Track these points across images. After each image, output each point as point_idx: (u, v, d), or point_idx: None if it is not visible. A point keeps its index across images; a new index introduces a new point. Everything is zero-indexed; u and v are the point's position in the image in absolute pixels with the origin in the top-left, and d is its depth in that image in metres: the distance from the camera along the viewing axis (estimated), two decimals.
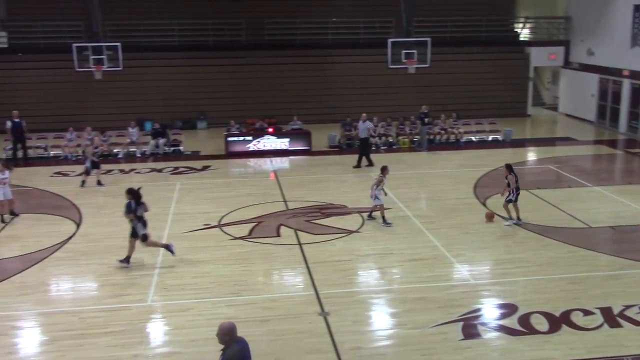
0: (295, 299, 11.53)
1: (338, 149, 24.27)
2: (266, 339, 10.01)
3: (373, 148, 24.26)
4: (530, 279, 12.26)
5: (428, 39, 24.90)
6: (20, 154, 22.92)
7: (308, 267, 12.87)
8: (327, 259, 13.31)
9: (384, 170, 15.81)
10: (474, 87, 30.30)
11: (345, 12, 31.02)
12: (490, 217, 15.63)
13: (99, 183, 19.24)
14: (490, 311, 11.00)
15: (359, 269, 13.06)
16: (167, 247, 13.13)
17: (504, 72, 30.96)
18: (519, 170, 16.66)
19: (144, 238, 12.91)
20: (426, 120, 24.34)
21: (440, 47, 27.49)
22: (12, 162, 19.95)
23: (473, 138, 25.88)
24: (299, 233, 14.89)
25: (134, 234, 12.90)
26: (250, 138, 23.89)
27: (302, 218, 16.04)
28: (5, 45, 29.82)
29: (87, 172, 19.25)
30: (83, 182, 19.18)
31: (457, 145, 25.14)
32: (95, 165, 19.40)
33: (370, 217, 15.75)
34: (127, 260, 12.92)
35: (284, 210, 16.72)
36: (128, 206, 12.86)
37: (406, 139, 24.92)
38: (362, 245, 14.18)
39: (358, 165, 21.33)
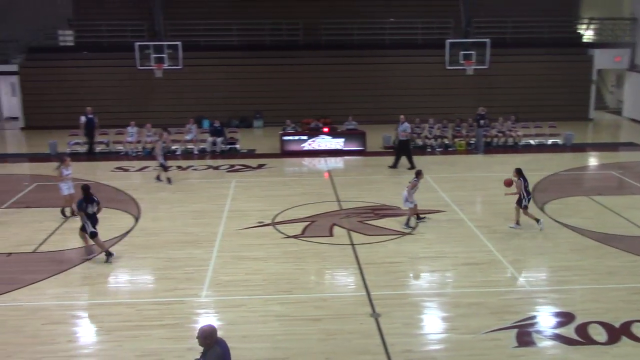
0: (347, 299, 11.53)
1: (393, 150, 24.11)
2: (317, 338, 10.04)
3: (428, 150, 24.06)
4: (589, 288, 11.90)
5: (487, 40, 24.51)
6: (88, 148, 23.64)
7: (360, 268, 12.84)
8: (379, 260, 13.26)
9: (418, 174, 15.65)
10: (533, 89, 29.66)
11: (403, 12, 30.85)
12: (508, 184, 14.96)
13: (158, 179, 19.59)
14: (546, 319, 10.73)
15: (411, 271, 12.96)
16: (108, 253, 13.21)
17: (566, 74, 30.16)
18: (579, 175, 16.23)
19: (92, 235, 13.11)
20: (482, 122, 23.95)
21: (499, 48, 27.03)
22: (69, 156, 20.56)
23: (532, 141, 25.32)
24: (352, 233, 14.88)
25: (83, 229, 13.19)
26: (305, 137, 24.01)
27: (355, 218, 16.02)
28: (72, 44, 30.94)
29: (164, 168, 19.44)
30: (168, 179, 19.39)
31: (514, 148, 24.64)
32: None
33: (420, 219, 15.59)
34: (108, 254, 13.19)
35: (337, 210, 16.74)
36: (79, 203, 13.14)
37: (462, 141, 24.57)
38: (415, 247, 14.06)
39: (394, 166, 21.23)
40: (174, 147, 24.08)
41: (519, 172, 15.04)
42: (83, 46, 30.34)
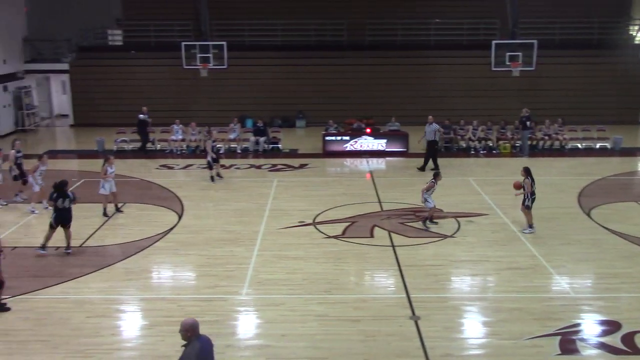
0: (386, 301, 11.48)
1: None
2: (356, 339, 10.02)
3: (472, 152, 23.77)
4: (637, 296, 11.57)
5: (534, 41, 24.05)
6: (141, 146, 24.12)
7: (400, 270, 12.77)
8: (420, 263, 13.16)
9: (436, 176, 15.59)
10: (581, 91, 29.02)
11: (449, 13, 30.56)
12: (517, 186, 14.87)
13: (217, 176, 19.82)
14: (590, 327, 10.48)
15: (452, 275, 12.81)
16: (43, 247, 13.54)
17: (615, 76, 29.42)
18: (628, 180, 15.80)
19: (50, 226, 13.53)
20: (528, 123, 23.52)
21: (547, 49, 26.51)
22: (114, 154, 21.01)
23: (579, 145, 24.75)
24: (393, 235, 14.81)
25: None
26: (347, 138, 24.00)
27: (396, 220, 15.94)
28: (120, 43, 31.63)
29: (210, 167, 19.72)
30: (212, 177, 19.66)
31: (561, 151, 24.15)
32: (215, 160, 19.87)
33: (432, 221, 15.45)
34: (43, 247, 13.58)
35: (378, 212, 16.68)
36: (50, 195, 13.78)
37: (507, 144, 24.18)
38: (456, 250, 13.90)
39: (422, 169, 21.08)
40: (218, 146, 24.34)
41: (527, 172, 14.79)
42: (131, 46, 30.97)
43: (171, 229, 15.37)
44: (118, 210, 16.67)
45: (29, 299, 11.49)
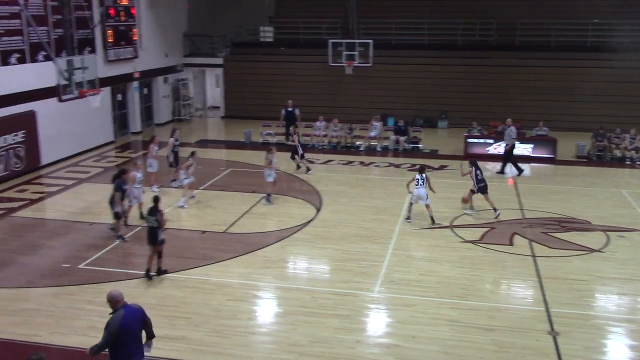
0: (523, 313, 11.02)
1: (586, 160, 22.57)
2: (489, 349, 9.73)
3: (627, 162, 22.18)
4: None
5: None
6: (285, 139, 24.92)
7: (540, 282, 12.21)
8: (562, 276, 12.49)
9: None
10: None
11: (610, 12, 28.61)
12: (464, 201, 16.70)
13: (307, 169, 20.45)
14: None
15: (598, 292, 12.03)
16: (120, 237, 14.30)
17: None
18: None
19: (117, 215, 14.42)
20: None
21: None
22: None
23: None
24: (534, 244, 14.18)
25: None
26: (491, 141, 23.27)
27: (538, 229, 15.24)
28: (271, 40, 32.85)
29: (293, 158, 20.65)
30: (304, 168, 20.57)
31: None
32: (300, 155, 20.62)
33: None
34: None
35: (519, 219, 16.05)
36: (118, 184, 14.41)
37: None
38: (604, 266, 13.03)
39: (501, 172, 20.75)
40: (358, 143, 24.59)
41: (473, 163, 16.69)
42: (281, 42, 32.05)
43: (309, 221, 15.75)
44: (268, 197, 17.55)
45: (176, 277, 12.30)
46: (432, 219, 15.53)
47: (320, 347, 9.76)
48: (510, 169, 20.76)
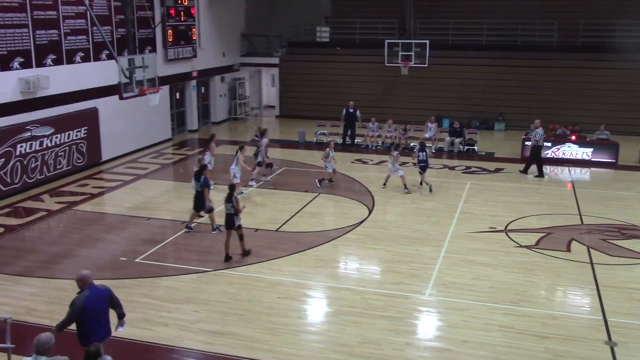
0: (579, 321, 10.73)
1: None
2: (542, 357, 9.51)
3: None
4: None
5: None
6: (348, 140, 25.01)
7: (598, 290, 11.85)
8: (621, 285, 12.10)
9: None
10: None
11: None
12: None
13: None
14: None
15: None
16: (216, 228, 14.75)
17: None
18: None
19: (210, 210, 14.98)
20: None
21: None
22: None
23: None
24: (593, 251, 13.78)
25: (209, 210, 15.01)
26: (549, 144, 22.72)
27: (597, 236, 14.80)
28: (327, 40, 32.96)
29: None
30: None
31: None
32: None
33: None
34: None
35: (577, 225, 15.63)
36: (205, 181, 14.75)
37: None
38: None
39: (524, 171, 20.63)
40: (412, 144, 24.41)
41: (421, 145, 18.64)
42: (337, 42, 32.10)
43: (361, 222, 15.73)
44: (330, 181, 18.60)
45: (229, 274, 12.49)
46: (405, 185, 18.03)
47: (370, 348, 9.74)
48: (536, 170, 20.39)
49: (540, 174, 20.29)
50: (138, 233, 15.10)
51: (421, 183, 18.63)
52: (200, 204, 14.74)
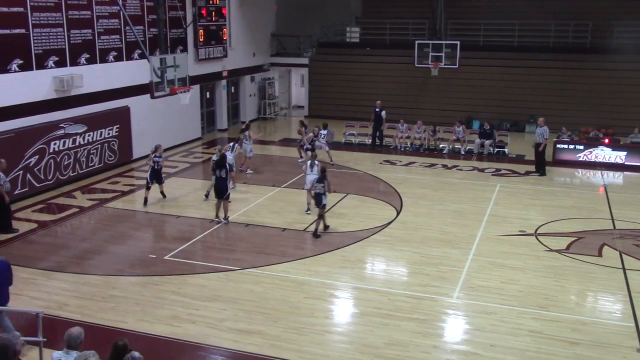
0: (610, 328, 10.55)
1: None
2: None
3: None
4: None
5: None
6: (372, 140, 24.99)
7: (630, 296, 11.64)
8: None
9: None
10: None
11: None
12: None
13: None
14: None
15: None
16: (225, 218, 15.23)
17: None
18: None
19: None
20: None
21: None
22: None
23: None
24: (625, 257, 13.54)
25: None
26: (581, 147, 22.38)
27: (630, 241, 14.53)
28: (357, 40, 32.91)
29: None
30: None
31: None
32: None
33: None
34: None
35: (609, 230, 15.36)
36: (211, 168, 15.71)
37: None
38: None
39: (537, 172, 20.71)
40: (441, 146, 24.26)
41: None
42: (367, 43, 32.03)
43: (389, 223, 15.68)
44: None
45: (257, 273, 12.56)
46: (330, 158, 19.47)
47: (396, 349, 9.71)
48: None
49: (540, 171, 20.34)
50: (167, 230, 15.27)
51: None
52: (224, 191, 15.23)
